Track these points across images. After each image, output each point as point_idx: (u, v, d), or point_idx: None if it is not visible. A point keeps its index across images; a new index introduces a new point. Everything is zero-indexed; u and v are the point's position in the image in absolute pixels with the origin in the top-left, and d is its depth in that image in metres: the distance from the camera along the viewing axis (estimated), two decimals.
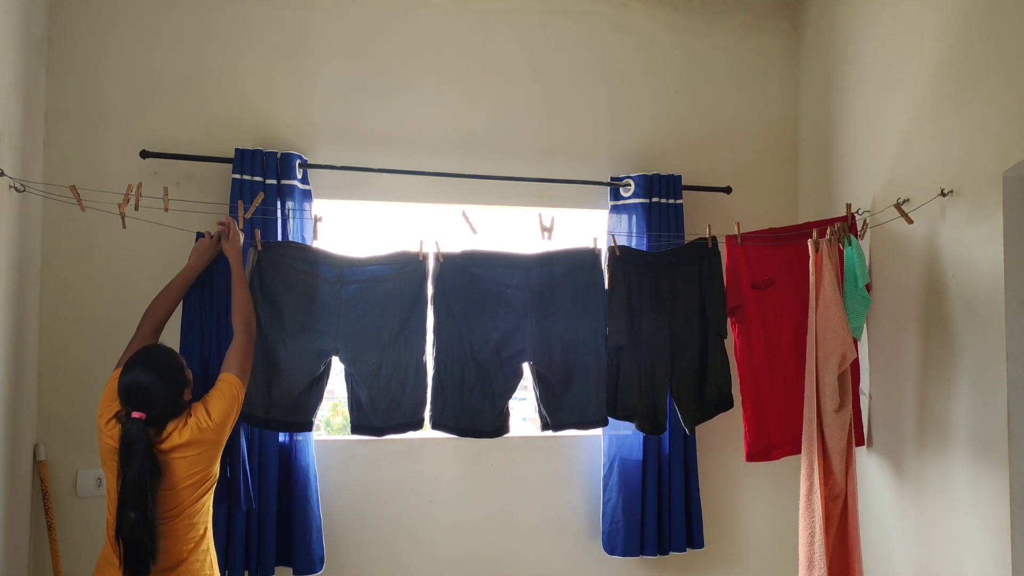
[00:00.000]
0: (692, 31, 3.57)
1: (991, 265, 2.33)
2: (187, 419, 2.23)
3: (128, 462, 2.10)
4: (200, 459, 2.23)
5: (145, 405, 2.16)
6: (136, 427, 2.13)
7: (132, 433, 2.12)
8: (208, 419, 2.25)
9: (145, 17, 3.06)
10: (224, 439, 2.31)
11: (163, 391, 2.19)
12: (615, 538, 3.20)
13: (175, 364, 2.28)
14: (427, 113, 3.29)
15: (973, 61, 2.44)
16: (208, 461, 2.26)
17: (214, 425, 2.26)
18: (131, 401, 2.16)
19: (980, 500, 2.37)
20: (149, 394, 2.17)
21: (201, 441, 2.23)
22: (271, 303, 2.70)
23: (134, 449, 2.11)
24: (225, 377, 2.37)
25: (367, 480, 3.18)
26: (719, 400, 3.04)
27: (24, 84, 2.68)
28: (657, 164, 3.42)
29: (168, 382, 2.22)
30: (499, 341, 2.87)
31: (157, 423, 2.18)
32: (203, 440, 2.23)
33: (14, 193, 2.54)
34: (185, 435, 2.20)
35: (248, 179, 2.95)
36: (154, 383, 2.18)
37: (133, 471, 2.09)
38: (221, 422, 2.28)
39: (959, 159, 2.49)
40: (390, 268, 2.83)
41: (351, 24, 3.25)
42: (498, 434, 2.87)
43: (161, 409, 2.19)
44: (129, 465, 2.10)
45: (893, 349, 2.85)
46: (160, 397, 2.18)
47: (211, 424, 2.25)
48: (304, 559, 2.93)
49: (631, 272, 2.99)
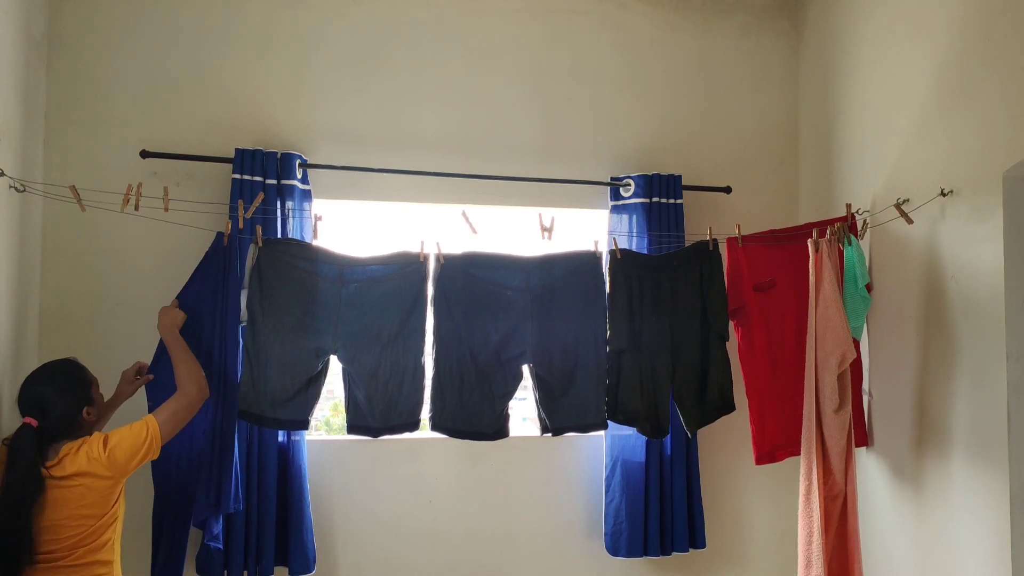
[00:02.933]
0: (692, 31, 3.57)
1: (991, 265, 2.33)
2: (80, 446, 2.10)
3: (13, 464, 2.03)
4: (90, 494, 2.08)
5: (38, 413, 2.11)
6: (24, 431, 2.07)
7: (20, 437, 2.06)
8: (102, 451, 2.09)
9: (145, 17, 3.06)
10: (120, 480, 2.15)
11: (59, 403, 2.13)
12: (618, 539, 3.20)
13: (76, 378, 2.22)
14: (427, 113, 3.29)
15: (973, 61, 2.44)
16: (101, 499, 2.10)
17: (106, 460, 2.09)
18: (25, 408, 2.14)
19: (980, 500, 2.37)
20: (43, 402, 2.12)
21: (90, 473, 2.07)
22: (270, 300, 2.70)
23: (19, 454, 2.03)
24: (148, 419, 2.23)
25: (367, 480, 3.18)
26: (721, 403, 3.04)
27: (24, 84, 2.68)
28: (657, 164, 3.42)
29: (64, 393, 2.15)
30: (499, 343, 2.87)
31: (50, 436, 2.11)
32: (92, 472, 2.08)
33: (14, 193, 2.54)
34: (77, 463, 2.07)
35: (248, 179, 2.95)
36: (50, 393, 2.14)
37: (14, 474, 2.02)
38: (118, 461, 2.11)
39: (959, 159, 2.49)
40: (390, 268, 2.83)
41: (351, 24, 3.25)
42: (497, 436, 2.87)
43: (55, 423, 2.12)
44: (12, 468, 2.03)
45: (893, 349, 2.85)
46: (56, 409, 2.12)
47: (103, 458, 2.09)
48: (300, 559, 2.93)
49: (632, 275, 2.99)
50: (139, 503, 2.67)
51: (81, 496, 2.08)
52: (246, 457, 2.87)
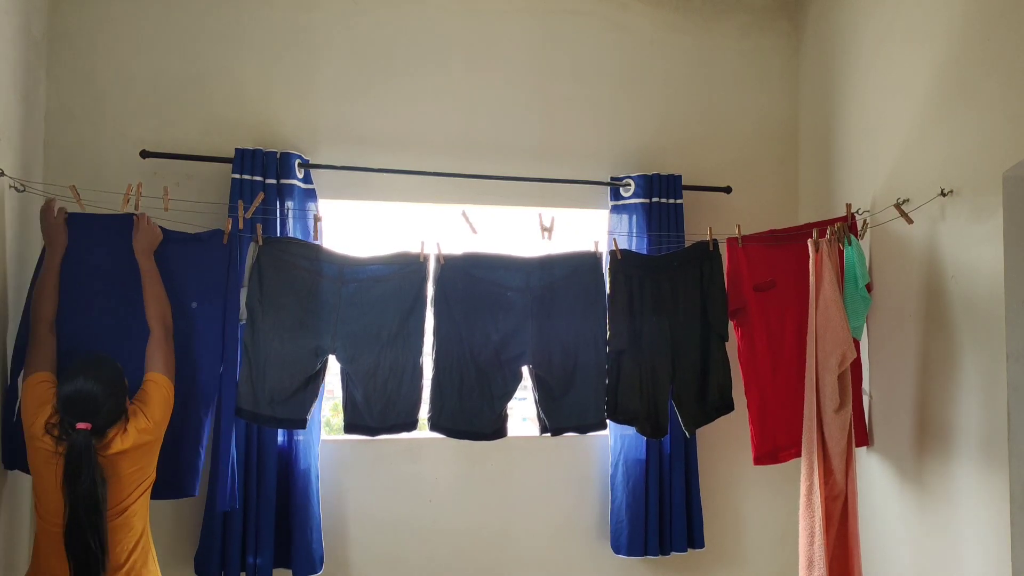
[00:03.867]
0: (692, 31, 3.57)
1: (991, 265, 2.33)
2: (126, 424, 2.22)
3: (77, 475, 2.07)
4: (142, 461, 2.24)
5: (90, 415, 2.13)
6: (83, 438, 2.10)
7: (80, 445, 2.09)
8: (147, 421, 2.25)
9: (145, 17, 3.07)
10: (161, 438, 2.32)
11: (109, 400, 2.17)
12: (619, 537, 3.21)
13: (116, 372, 2.26)
14: (428, 113, 3.29)
15: (973, 61, 2.44)
16: (149, 462, 2.28)
17: (153, 426, 2.27)
18: (74, 411, 2.13)
19: (980, 500, 2.37)
20: (95, 404, 2.14)
21: (143, 444, 2.24)
22: (270, 299, 2.70)
23: (84, 461, 2.08)
24: (154, 378, 2.36)
25: (367, 480, 3.18)
26: (720, 403, 3.04)
27: (24, 84, 2.68)
28: (657, 164, 3.42)
29: (112, 391, 2.20)
30: (499, 343, 2.87)
31: (100, 432, 2.16)
32: (145, 443, 2.24)
33: (14, 193, 2.54)
34: (128, 440, 2.20)
35: (248, 179, 2.95)
36: (100, 393, 2.16)
37: (84, 484, 2.07)
38: (159, 423, 2.30)
39: (959, 159, 2.49)
40: (391, 268, 2.83)
41: (351, 24, 3.25)
42: (496, 437, 2.87)
43: (106, 419, 2.17)
44: (79, 478, 2.07)
45: (893, 349, 2.85)
46: (106, 407, 2.16)
47: (151, 426, 2.26)
48: (304, 560, 2.93)
49: (632, 275, 2.99)
50: None
51: (134, 463, 2.23)
52: (244, 457, 2.87)
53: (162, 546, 2.90)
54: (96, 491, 2.08)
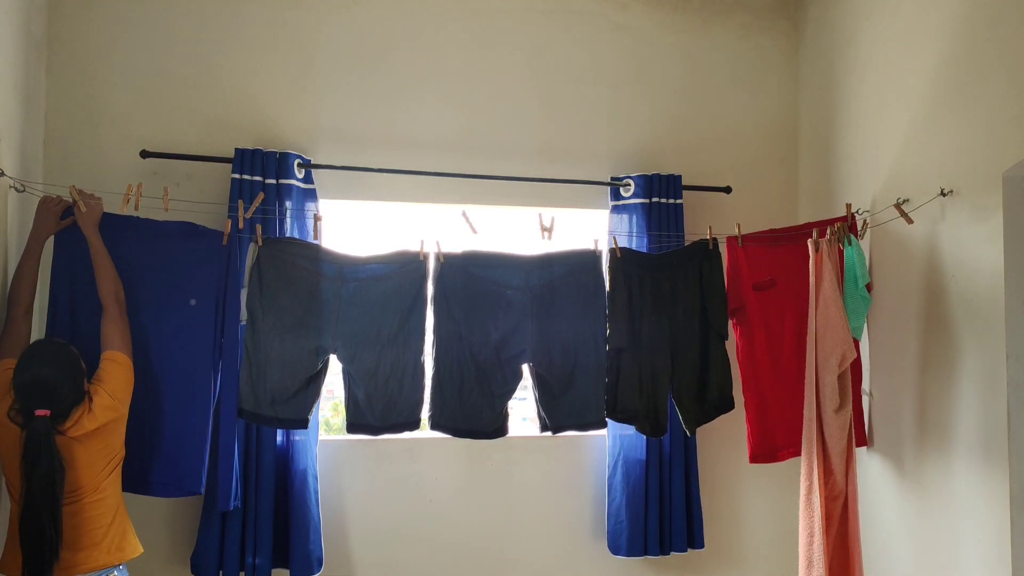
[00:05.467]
0: (692, 31, 3.57)
1: (991, 265, 2.33)
2: (90, 404, 2.23)
3: (35, 462, 2.08)
4: (108, 438, 2.28)
5: (49, 401, 2.14)
6: (42, 425, 2.11)
7: (39, 432, 2.10)
8: (110, 398, 2.28)
9: (145, 17, 3.06)
10: (126, 414, 2.34)
11: (66, 385, 2.19)
12: (619, 538, 3.21)
13: (72, 356, 2.26)
14: (428, 113, 3.29)
15: (973, 61, 2.44)
16: (115, 439, 2.31)
17: (116, 403, 2.29)
18: (33, 398, 2.14)
19: (980, 500, 2.37)
20: (53, 389, 2.16)
21: (108, 422, 2.26)
22: (270, 299, 2.70)
23: (42, 448, 2.09)
24: (113, 356, 2.37)
25: (367, 480, 3.18)
26: (720, 402, 3.04)
27: (24, 84, 2.68)
28: (657, 164, 3.42)
29: (69, 375, 2.21)
30: (499, 342, 2.87)
31: (62, 416, 2.18)
32: (110, 420, 2.27)
33: (14, 193, 2.54)
34: (96, 420, 2.22)
35: (248, 179, 2.95)
36: (56, 378, 2.17)
37: (40, 472, 2.07)
38: (122, 399, 2.32)
39: (959, 159, 2.49)
40: (390, 267, 2.83)
41: (352, 24, 3.25)
42: (497, 435, 2.87)
43: (65, 403, 2.19)
44: (36, 465, 2.07)
45: (893, 349, 2.85)
46: (63, 391, 2.18)
47: (114, 403, 2.28)
48: (302, 561, 2.92)
49: (632, 274, 2.99)
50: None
51: (101, 441, 2.25)
52: (244, 456, 2.87)
53: (159, 546, 2.92)
54: (54, 476, 2.09)
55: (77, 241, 2.52)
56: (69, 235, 2.53)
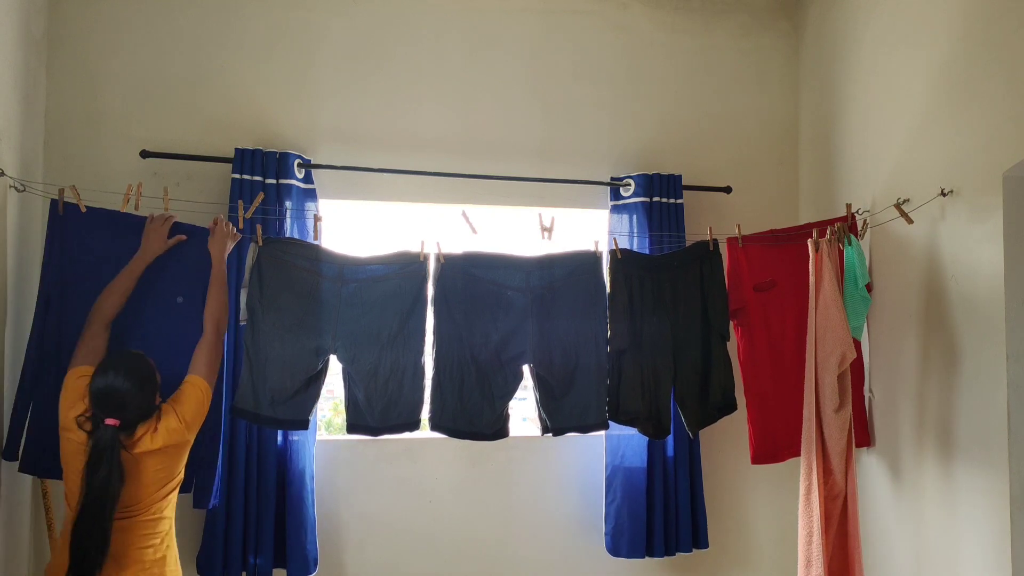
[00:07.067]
0: (692, 31, 3.57)
1: (991, 265, 2.33)
2: (157, 423, 2.23)
3: (96, 469, 2.09)
4: (169, 461, 2.26)
5: (119, 411, 2.15)
6: (109, 433, 2.12)
7: (105, 439, 2.11)
8: (179, 422, 2.26)
9: (145, 17, 3.07)
10: (192, 440, 2.34)
11: (137, 396, 2.19)
12: (619, 539, 3.20)
13: (148, 369, 2.27)
14: (428, 113, 3.29)
15: (973, 61, 2.44)
16: (177, 462, 2.29)
17: (184, 427, 2.27)
18: (104, 406, 2.15)
19: (980, 500, 2.37)
20: (124, 400, 2.16)
21: (172, 445, 2.25)
22: (270, 299, 2.70)
23: (105, 456, 2.10)
24: (193, 380, 2.37)
25: (367, 480, 3.18)
26: (723, 403, 3.04)
27: (24, 84, 2.68)
28: (657, 164, 3.42)
29: (142, 387, 2.21)
30: (499, 343, 2.87)
31: (129, 427, 2.18)
32: (174, 443, 2.25)
33: (14, 193, 2.54)
34: (158, 440, 2.21)
35: (248, 179, 2.95)
36: (129, 389, 2.17)
37: (100, 478, 2.08)
38: (191, 424, 2.31)
39: (959, 159, 2.49)
40: (391, 268, 2.83)
41: (352, 24, 3.25)
42: (497, 437, 2.87)
43: (134, 414, 2.19)
44: (96, 472, 2.08)
45: (893, 349, 2.85)
46: (134, 403, 2.18)
47: (181, 427, 2.27)
48: (298, 561, 2.92)
49: (632, 275, 2.99)
50: None
51: (161, 462, 2.24)
52: (244, 457, 2.87)
53: None
54: (110, 486, 2.09)
55: (67, 240, 2.51)
56: (59, 233, 2.51)
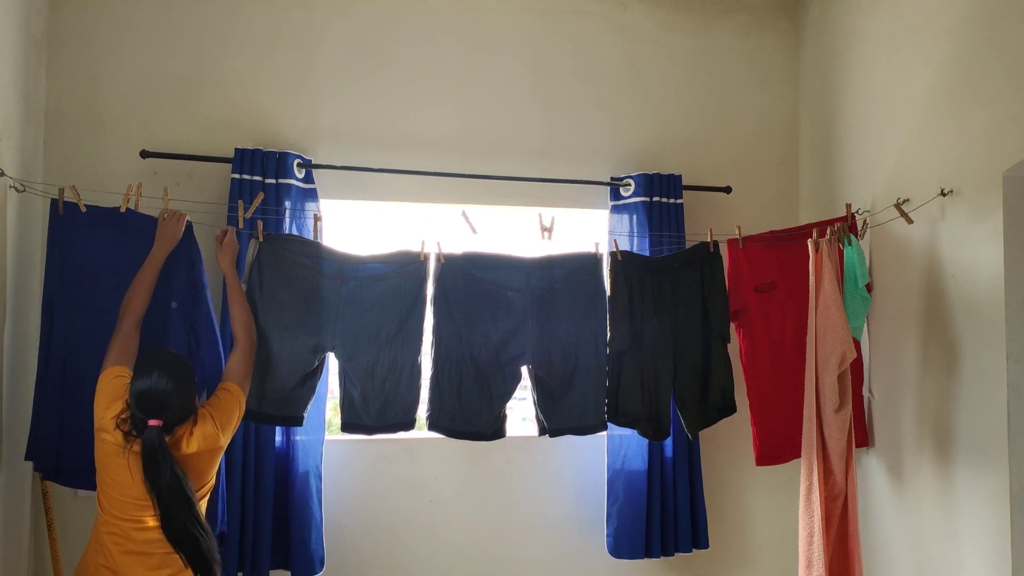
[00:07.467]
0: (692, 31, 3.57)
1: (991, 265, 2.33)
2: (192, 427, 2.22)
3: (157, 474, 2.09)
4: (201, 467, 2.25)
5: (161, 412, 2.14)
6: (155, 434, 2.11)
7: (154, 441, 2.11)
8: (215, 428, 2.26)
9: (145, 17, 3.07)
10: (225, 447, 2.34)
11: (179, 398, 2.18)
12: (620, 540, 3.19)
13: (188, 370, 2.27)
14: (428, 113, 3.29)
15: (973, 61, 2.44)
16: (210, 468, 2.29)
17: (219, 434, 2.27)
18: (147, 407, 2.13)
19: (980, 500, 2.37)
20: (167, 401, 2.15)
21: (207, 450, 2.24)
22: (269, 295, 2.70)
23: (160, 456, 2.10)
24: (230, 387, 2.39)
25: (367, 480, 3.18)
26: (723, 405, 3.04)
27: (24, 84, 2.68)
28: (657, 164, 3.42)
29: (184, 389, 2.20)
30: (499, 344, 2.87)
31: (168, 429, 2.17)
32: (208, 449, 2.25)
33: (14, 193, 2.54)
34: (193, 445, 2.20)
35: (248, 179, 2.95)
36: (172, 390, 2.16)
37: (166, 479, 2.09)
38: (225, 431, 2.30)
39: (959, 159, 2.49)
40: (391, 267, 2.83)
41: (352, 24, 3.25)
42: (495, 437, 2.87)
43: (176, 416, 2.18)
44: (158, 476, 2.09)
45: (893, 349, 2.85)
46: (176, 404, 2.17)
47: (217, 432, 2.26)
48: (303, 561, 2.92)
49: (633, 276, 2.99)
50: None
51: (196, 467, 2.23)
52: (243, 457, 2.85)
53: None
54: (181, 484, 2.11)
55: (68, 241, 2.50)
56: (60, 234, 2.51)
